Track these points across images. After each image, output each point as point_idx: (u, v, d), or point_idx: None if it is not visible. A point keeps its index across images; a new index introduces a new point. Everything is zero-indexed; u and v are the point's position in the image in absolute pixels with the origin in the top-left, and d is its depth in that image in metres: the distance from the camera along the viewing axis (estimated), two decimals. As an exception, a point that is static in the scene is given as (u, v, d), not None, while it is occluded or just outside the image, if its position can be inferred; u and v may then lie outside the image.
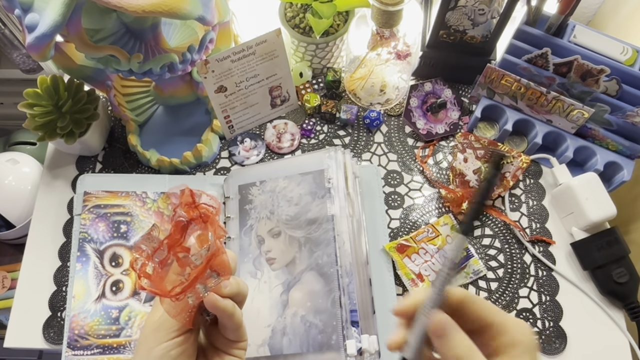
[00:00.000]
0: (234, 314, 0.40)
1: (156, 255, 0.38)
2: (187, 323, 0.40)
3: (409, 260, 0.67)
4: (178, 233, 0.39)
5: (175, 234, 0.39)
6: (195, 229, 0.39)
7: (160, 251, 0.38)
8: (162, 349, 0.39)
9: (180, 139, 0.78)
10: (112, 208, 0.69)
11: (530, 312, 0.67)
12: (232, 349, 0.43)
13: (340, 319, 0.59)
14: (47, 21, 0.53)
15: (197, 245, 0.39)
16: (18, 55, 0.92)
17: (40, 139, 0.70)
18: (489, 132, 0.78)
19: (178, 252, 0.38)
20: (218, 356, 0.43)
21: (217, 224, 0.40)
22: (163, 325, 0.40)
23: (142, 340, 0.41)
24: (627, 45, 0.71)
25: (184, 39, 0.72)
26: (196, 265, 0.38)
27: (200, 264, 0.38)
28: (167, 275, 0.38)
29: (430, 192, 0.74)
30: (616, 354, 0.65)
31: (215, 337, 0.43)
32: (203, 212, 0.39)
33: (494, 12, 0.70)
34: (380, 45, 0.72)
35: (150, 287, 0.37)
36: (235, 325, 0.41)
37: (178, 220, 0.39)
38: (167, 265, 0.38)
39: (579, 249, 0.69)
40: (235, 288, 0.41)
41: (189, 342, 0.41)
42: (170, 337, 0.40)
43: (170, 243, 0.39)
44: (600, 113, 0.72)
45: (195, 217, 0.39)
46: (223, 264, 0.39)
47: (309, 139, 0.78)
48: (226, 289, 0.40)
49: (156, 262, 0.38)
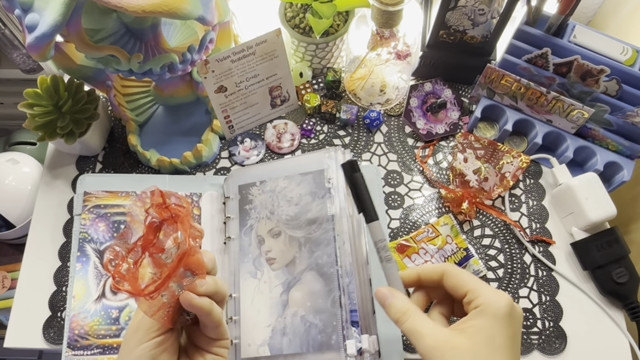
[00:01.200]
0: (212, 312, 0.41)
1: (130, 256, 0.39)
2: (166, 322, 0.40)
3: (409, 260, 0.67)
4: (151, 234, 0.40)
5: (149, 234, 0.40)
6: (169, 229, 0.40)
7: (134, 252, 0.39)
8: (142, 349, 0.40)
9: (180, 139, 0.78)
10: (112, 208, 0.69)
11: (530, 312, 0.67)
12: (213, 347, 0.44)
13: (340, 319, 0.59)
14: (47, 21, 0.53)
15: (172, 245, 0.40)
16: (18, 55, 0.92)
17: (40, 139, 0.70)
18: (489, 132, 0.78)
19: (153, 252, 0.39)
20: (200, 355, 0.43)
21: (188, 224, 0.40)
22: (143, 326, 0.41)
23: (124, 341, 0.41)
24: (627, 45, 0.71)
25: (184, 39, 0.72)
26: (167, 263, 0.39)
27: (171, 262, 0.39)
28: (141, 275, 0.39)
29: (430, 192, 0.74)
30: (616, 354, 0.65)
31: (196, 336, 0.44)
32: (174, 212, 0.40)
33: (494, 12, 0.70)
34: (380, 45, 0.72)
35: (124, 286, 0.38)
36: (215, 323, 0.42)
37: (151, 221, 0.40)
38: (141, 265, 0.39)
39: (579, 249, 0.69)
40: (212, 287, 0.42)
41: (169, 342, 0.41)
42: (150, 337, 0.40)
43: (144, 243, 0.40)
44: (600, 113, 0.72)
45: (167, 217, 0.40)
46: (198, 262, 0.40)
47: (309, 139, 0.78)
48: (202, 287, 0.41)
49: (130, 263, 0.39)
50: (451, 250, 0.68)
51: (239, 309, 0.63)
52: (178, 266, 0.39)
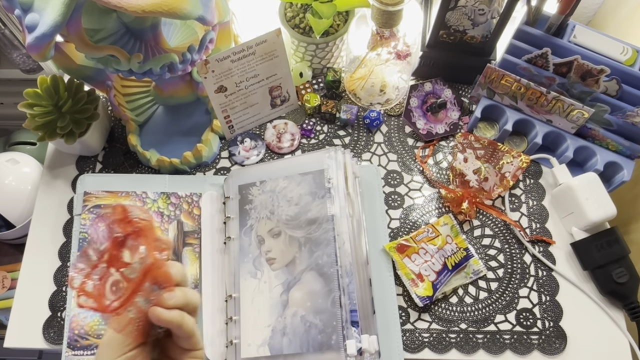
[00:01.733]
0: (182, 324, 0.40)
1: (95, 272, 0.39)
2: (138, 337, 0.40)
3: (409, 260, 0.67)
4: (116, 249, 0.40)
5: (113, 249, 0.40)
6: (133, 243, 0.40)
7: (99, 268, 0.39)
8: None
9: (180, 139, 0.78)
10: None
11: (530, 312, 0.67)
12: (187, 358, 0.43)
13: (340, 319, 0.59)
14: (47, 21, 0.53)
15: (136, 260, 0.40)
16: (18, 55, 0.92)
17: (40, 139, 0.70)
18: (489, 132, 0.78)
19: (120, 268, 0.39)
20: None
21: (153, 237, 0.40)
22: (114, 341, 0.40)
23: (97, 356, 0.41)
24: (627, 45, 0.71)
25: (184, 39, 0.72)
26: (131, 279, 0.38)
27: (135, 278, 0.38)
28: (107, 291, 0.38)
29: (430, 192, 0.74)
30: (616, 354, 0.65)
31: (170, 347, 0.43)
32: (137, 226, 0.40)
33: (494, 12, 0.70)
34: (380, 45, 0.72)
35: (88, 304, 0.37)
36: (187, 334, 0.41)
37: (115, 235, 0.40)
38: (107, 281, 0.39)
39: (579, 249, 0.69)
40: (181, 299, 0.41)
41: (142, 356, 0.41)
42: (123, 351, 0.40)
43: (109, 259, 0.39)
44: (600, 113, 0.72)
45: (130, 232, 0.40)
46: (165, 275, 0.40)
47: (309, 139, 0.78)
48: (171, 300, 0.40)
49: (95, 279, 0.38)
50: (451, 250, 0.68)
51: (239, 309, 0.63)
52: (143, 281, 0.39)
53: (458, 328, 0.66)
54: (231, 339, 0.63)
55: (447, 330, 0.66)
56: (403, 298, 0.68)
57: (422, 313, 0.67)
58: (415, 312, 0.67)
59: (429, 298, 0.65)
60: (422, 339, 0.66)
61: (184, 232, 0.68)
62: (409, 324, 0.66)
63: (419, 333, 0.66)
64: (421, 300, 0.65)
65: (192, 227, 0.69)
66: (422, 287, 0.65)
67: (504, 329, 0.66)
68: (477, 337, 0.66)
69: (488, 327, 0.66)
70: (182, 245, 0.68)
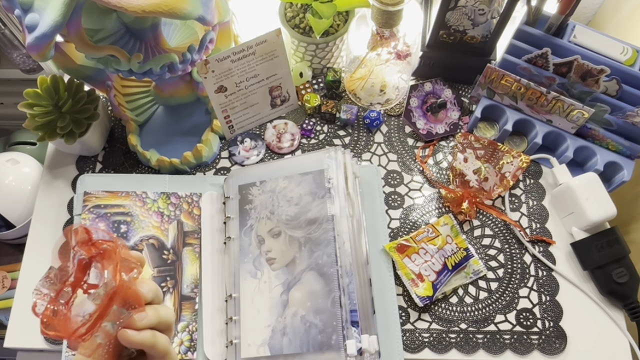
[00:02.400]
0: (155, 345, 0.39)
1: (60, 297, 0.37)
2: None
3: (409, 260, 0.67)
4: (80, 272, 0.38)
5: (78, 272, 0.38)
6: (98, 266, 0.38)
7: (64, 292, 0.37)
8: None
9: (180, 139, 0.78)
10: (112, 208, 0.69)
11: (530, 312, 0.67)
12: None
13: (340, 319, 0.59)
14: (47, 21, 0.53)
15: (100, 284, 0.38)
16: (18, 55, 0.92)
17: (40, 139, 0.70)
18: (489, 132, 0.78)
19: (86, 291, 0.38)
20: None
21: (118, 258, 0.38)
22: None
23: None
24: (627, 45, 0.71)
25: (184, 39, 0.72)
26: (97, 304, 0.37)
27: (100, 303, 0.37)
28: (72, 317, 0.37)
29: (430, 192, 0.74)
30: (616, 354, 0.66)
31: None
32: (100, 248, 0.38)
33: (494, 12, 0.70)
34: (380, 45, 0.72)
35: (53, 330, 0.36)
36: (160, 353, 0.40)
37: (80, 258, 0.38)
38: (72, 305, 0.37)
39: (579, 249, 0.69)
40: (152, 319, 0.39)
41: None
42: None
43: (74, 282, 0.38)
44: (600, 113, 0.72)
45: (95, 254, 0.39)
46: (135, 295, 0.38)
47: (309, 139, 0.78)
48: (142, 321, 0.39)
49: (61, 304, 0.37)
50: (451, 250, 0.68)
51: (239, 309, 0.63)
52: (109, 305, 0.37)
53: (458, 328, 0.66)
54: (231, 339, 0.63)
55: (447, 330, 0.66)
56: (403, 298, 0.68)
57: (422, 313, 0.67)
58: (415, 312, 0.67)
59: (429, 298, 0.65)
60: (422, 339, 0.66)
61: (184, 232, 0.68)
62: (409, 324, 0.66)
63: (419, 333, 0.66)
64: (421, 300, 0.65)
65: (192, 227, 0.69)
66: (422, 287, 0.65)
67: (504, 329, 0.66)
68: (477, 337, 0.66)
69: (488, 327, 0.66)
70: (182, 245, 0.68)
